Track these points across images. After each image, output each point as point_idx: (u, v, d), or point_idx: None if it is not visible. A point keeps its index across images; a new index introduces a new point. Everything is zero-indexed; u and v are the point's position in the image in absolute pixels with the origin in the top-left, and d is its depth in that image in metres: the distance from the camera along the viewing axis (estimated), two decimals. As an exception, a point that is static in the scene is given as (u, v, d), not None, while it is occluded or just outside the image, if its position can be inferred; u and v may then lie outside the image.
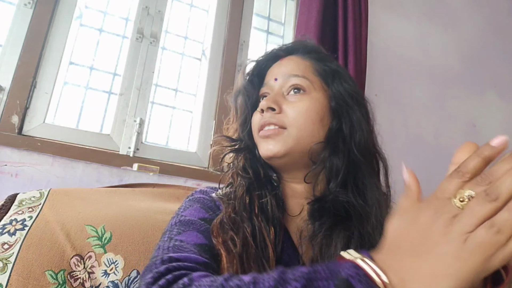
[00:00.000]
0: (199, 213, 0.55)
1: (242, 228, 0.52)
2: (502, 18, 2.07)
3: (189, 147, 1.33)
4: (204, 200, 0.59)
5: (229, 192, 0.59)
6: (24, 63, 1.08)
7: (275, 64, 0.65)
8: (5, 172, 0.98)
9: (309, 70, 0.62)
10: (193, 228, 0.51)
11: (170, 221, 0.56)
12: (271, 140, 0.57)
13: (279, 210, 0.57)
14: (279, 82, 0.61)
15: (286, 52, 0.66)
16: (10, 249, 0.62)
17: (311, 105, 0.58)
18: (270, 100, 0.58)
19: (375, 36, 1.61)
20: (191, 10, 1.46)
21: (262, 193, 0.58)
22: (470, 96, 1.85)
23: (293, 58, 0.64)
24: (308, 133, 0.57)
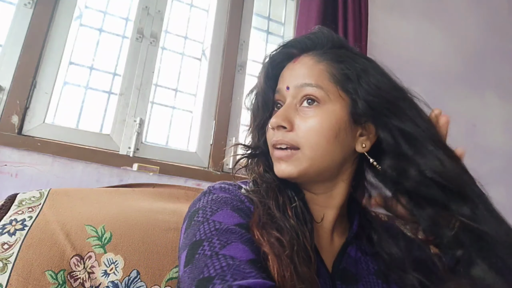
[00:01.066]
0: (233, 218, 0.48)
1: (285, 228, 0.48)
2: (502, 18, 2.07)
3: (189, 147, 1.33)
4: (232, 201, 0.52)
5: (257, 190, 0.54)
6: (24, 63, 1.08)
7: (288, 66, 0.59)
8: (5, 172, 0.98)
9: (324, 76, 0.54)
10: (235, 239, 0.44)
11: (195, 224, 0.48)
12: (283, 162, 0.53)
13: (311, 218, 0.54)
14: (291, 92, 0.55)
15: (301, 49, 0.58)
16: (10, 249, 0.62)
17: (324, 120, 0.52)
18: (280, 117, 0.53)
19: (375, 36, 1.61)
20: (191, 10, 1.46)
21: (291, 195, 0.54)
22: (470, 96, 1.85)
23: (306, 62, 0.56)
24: (323, 151, 0.52)
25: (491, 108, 1.90)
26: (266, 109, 0.59)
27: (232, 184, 0.56)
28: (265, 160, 0.58)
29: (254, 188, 0.55)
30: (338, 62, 0.55)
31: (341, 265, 0.55)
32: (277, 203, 0.52)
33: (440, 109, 0.50)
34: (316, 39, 0.58)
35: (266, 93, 0.59)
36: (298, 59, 0.57)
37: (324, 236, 0.57)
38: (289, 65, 0.58)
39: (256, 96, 0.60)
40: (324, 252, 0.56)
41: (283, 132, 0.53)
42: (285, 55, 0.59)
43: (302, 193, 0.56)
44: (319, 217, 0.57)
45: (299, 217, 0.51)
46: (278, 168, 0.54)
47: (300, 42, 0.59)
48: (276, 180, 0.55)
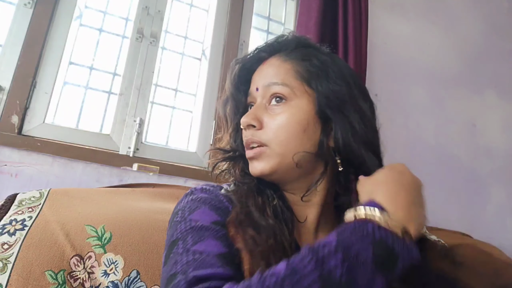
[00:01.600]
0: (210, 216, 0.50)
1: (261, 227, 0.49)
2: (502, 18, 2.07)
3: (189, 147, 1.33)
4: (210, 200, 0.53)
5: (237, 190, 0.55)
6: (24, 63, 1.08)
7: (258, 69, 0.61)
8: (5, 172, 0.98)
9: (290, 74, 0.56)
10: (209, 235, 0.46)
11: (174, 224, 0.50)
12: (255, 161, 0.55)
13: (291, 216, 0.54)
14: (260, 92, 0.57)
15: (269, 52, 0.61)
16: (10, 249, 0.62)
17: (291, 116, 0.54)
18: (249, 116, 0.55)
19: (375, 36, 1.61)
20: (191, 10, 1.46)
21: (269, 195, 0.55)
22: (470, 96, 1.85)
23: (274, 62, 0.59)
24: (292, 146, 0.53)
25: (491, 108, 1.89)
26: (238, 113, 0.61)
27: (214, 186, 0.57)
28: (243, 162, 0.59)
29: (234, 189, 0.56)
30: (303, 60, 0.57)
31: None
32: (256, 202, 0.53)
33: None
34: (283, 41, 0.61)
35: (237, 97, 0.61)
36: (267, 61, 0.60)
37: (308, 236, 0.57)
38: (259, 68, 0.60)
39: (229, 101, 0.62)
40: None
41: (253, 131, 0.55)
42: (255, 59, 0.61)
43: (281, 193, 0.57)
44: (302, 216, 0.57)
45: (278, 216, 0.52)
46: (252, 167, 0.56)
47: (269, 45, 0.61)
48: (254, 181, 0.56)
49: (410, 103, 1.68)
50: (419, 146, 1.64)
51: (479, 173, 1.76)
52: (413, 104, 1.69)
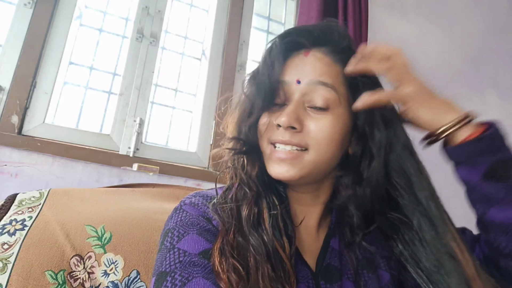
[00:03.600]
0: (198, 244, 0.47)
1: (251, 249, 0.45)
2: (502, 18, 2.07)
3: (189, 147, 1.33)
4: (199, 221, 0.49)
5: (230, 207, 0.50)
6: (24, 63, 1.08)
7: (297, 57, 0.53)
8: (5, 172, 0.98)
9: (340, 78, 0.51)
10: (197, 273, 0.43)
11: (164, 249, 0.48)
12: (285, 164, 0.49)
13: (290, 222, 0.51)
14: (301, 87, 0.50)
15: (312, 42, 0.53)
16: (10, 249, 0.62)
17: (335, 124, 0.49)
18: (292, 116, 0.48)
19: (375, 36, 1.61)
20: (191, 10, 1.46)
21: (271, 203, 0.50)
22: (470, 96, 1.85)
23: (321, 57, 0.51)
24: (328, 156, 0.50)
25: (491, 108, 1.89)
26: (269, 102, 0.52)
27: (204, 197, 0.53)
28: (258, 160, 0.53)
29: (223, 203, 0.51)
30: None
31: (325, 262, 0.53)
32: (251, 215, 0.48)
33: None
34: (330, 34, 0.54)
35: (275, 83, 0.51)
36: (310, 52, 0.52)
37: (307, 236, 0.55)
38: (298, 56, 0.53)
39: (262, 85, 0.52)
40: (308, 252, 0.54)
41: (292, 133, 0.49)
42: (293, 44, 0.53)
43: (286, 198, 0.53)
44: (301, 217, 0.55)
45: (277, 226, 0.49)
46: (277, 170, 0.50)
47: (314, 34, 0.53)
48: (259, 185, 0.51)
49: (410, 103, 1.68)
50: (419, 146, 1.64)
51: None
52: (413, 104, 1.68)
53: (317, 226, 0.56)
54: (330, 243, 0.55)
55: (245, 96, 0.55)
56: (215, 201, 0.51)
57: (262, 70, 0.53)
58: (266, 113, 0.53)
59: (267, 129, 0.52)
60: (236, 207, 0.49)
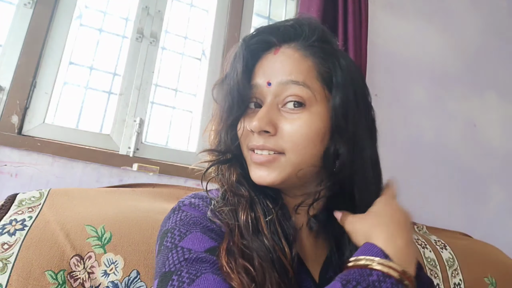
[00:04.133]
0: (203, 242, 0.44)
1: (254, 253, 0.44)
2: (502, 18, 2.07)
3: (189, 147, 1.33)
4: (201, 220, 0.47)
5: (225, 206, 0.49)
6: (24, 63, 1.08)
7: (266, 57, 0.50)
8: (5, 172, 0.98)
9: (312, 74, 0.48)
10: (206, 270, 0.41)
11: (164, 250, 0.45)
12: (264, 168, 0.48)
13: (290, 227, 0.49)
14: (273, 89, 0.48)
15: (281, 39, 0.50)
16: (10, 249, 0.62)
17: (311, 123, 0.47)
18: (263, 120, 0.46)
19: (375, 36, 1.61)
20: (191, 10, 1.46)
21: (266, 208, 0.49)
22: (470, 96, 1.85)
23: (291, 54, 0.49)
24: (308, 157, 0.47)
25: (491, 108, 1.90)
26: (241, 106, 0.50)
27: (203, 198, 0.51)
28: (239, 166, 0.52)
29: (223, 205, 0.49)
30: (326, 60, 0.49)
31: (328, 274, 0.52)
32: (248, 221, 0.46)
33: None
34: (300, 28, 0.50)
35: (244, 87, 0.49)
36: (280, 50, 0.49)
37: (308, 244, 0.54)
38: (267, 56, 0.50)
39: (230, 90, 0.49)
40: (310, 261, 0.52)
41: (266, 137, 0.47)
42: (262, 43, 0.51)
43: (280, 201, 0.51)
44: (300, 222, 0.53)
45: (276, 231, 0.47)
46: (257, 174, 0.48)
47: (282, 30, 0.50)
48: (249, 192, 0.49)
49: (410, 103, 1.68)
50: (419, 146, 1.64)
51: (479, 173, 1.76)
52: (413, 103, 1.69)
53: (316, 235, 0.55)
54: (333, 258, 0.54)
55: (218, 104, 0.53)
56: (214, 204, 0.50)
57: (230, 75, 0.50)
58: (243, 118, 0.51)
59: (243, 135, 0.50)
60: (233, 212, 0.48)
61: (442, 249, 1.13)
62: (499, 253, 1.25)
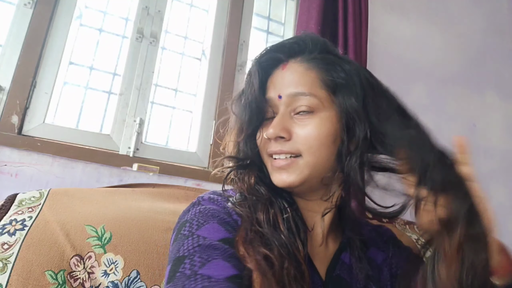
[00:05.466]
0: (218, 232, 0.48)
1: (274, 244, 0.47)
2: (502, 18, 2.07)
3: (189, 147, 1.33)
4: (219, 213, 0.51)
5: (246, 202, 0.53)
6: (24, 63, 1.08)
7: (276, 73, 0.57)
8: (5, 172, 0.98)
9: (316, 83, 0.53)
10: (217, 255, 0.44)
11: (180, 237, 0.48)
12: (284, 172, 0.52)
13: (303, 226, 0.53)
14: (284, 101, 0.54)
15: (288, 55, 0.57)
16: (10, 249, 0.62)
17: (322, 126, 0.51)
18: (278, 127, 0.52)
19: (375, 36, 1.61)
20: (191, 10, 1.46)
21: (282, 207, 0.53)
22: (470, 96, 1.85)
23: (296, 68, 0.55)
24: (323, 158, 0.52)
25: (491, 108, 1.89)
26: (259, 118, 0.56)
27: (221, 195, 0.55)
28: (256, 171, 0.56)
29: (241, 201, 0.53)
30: (328, 70, 0.54)
31: (335, 273, 0.55)
32: (268, 217, 0.50)
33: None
34: (303, 43, 0.57)
35: (260, 101, 0.55)
36: (287, 66, 0.56)
37: (317, 243, 0.57)
38: (277, 71, 0.56)
39: (248, 104, 0.56)
40: (318, 259, 0.56)
41: (282, 142, 0.52)
42: (271, 60, 0.57)
43: (295, 202, 0.55)
44: (311, 224, 0.56)
45: (291, 229, 0.51)
46: (278, 178, 0.53)
47: (287, 46, 0.57)
48: (267, 192, 0.54)
49: (410, 103, 1.67)
50: (419, 146, 1.64)
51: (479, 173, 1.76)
52: (413, 104, 1.67)
53: (326, 235, 0.58)
54: (341, 257, 0.57)
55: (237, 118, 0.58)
56: (233, 200, 0.54)
57: (247, 91, 0.56)
58: (261, 129, 0.56)
59: (262, 143, 0.56)
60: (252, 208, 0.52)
61: (442, 249, 1.12)
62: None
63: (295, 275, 0.45)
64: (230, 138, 0.61)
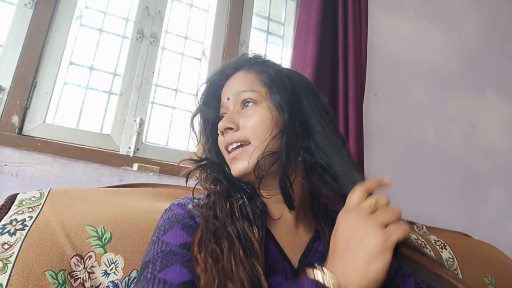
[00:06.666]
0: (180, 237, 0.53)
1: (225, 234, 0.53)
2: (502, 18, 2.07)
3: (189, 147, 1.33)
4: (183, 218, 0.57)
5: (207, 202, 0.59)
6: (24, 63, 1.08)
7: (226, 83, 0.68)
8: (5, 172, 0.98)
9: (255, 82, 0.63)
10: (175, 261, 0.49)
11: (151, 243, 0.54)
12: (238, 161, 0.60)
13: (261, 213, 0.59)
14: (231, 101, 0.64)
15: (233, 69, 0.68)
16: (10, 249, 0.63)
17: (264, 114, 0.60)
18: (226, 120, 0.61)
19: (375, 36, 1.61)
20: (191, 10, 1.46)
21: (239, 197, 0.60)
22: (470, 96, 1.85)
23: (239, 75, 0.66)
24: (267, 141, 0.58)
25: (491, 108, 1.90)
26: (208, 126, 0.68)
27: (191, 199, 0.62)
28: (217, 168, 0.65)
29: (204, 201, 0.60)
30: (263, 71, 0.65)
31: (307, 260, 0.59)
32: (225, 208, 0.57)
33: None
34: (245, 58, 0.69)
35: (206, 111, 0.68)
36: (233, 76, 0.67)
37: (288, 232, 0.62)
38: (227, 83, 0.67)
39: (200, 116, 0.69)
40: (289, 248, 0.59)
41: (231, 133, 0.61)
42: (222, 76, 0.69)
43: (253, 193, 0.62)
44: (278, 214, 0.62)
45: (246, 215, 0.57)
46: (235, 168, 0.60)
47: (233, 63, 0.69)
48: (227, 186, 0.61)
49: (410, 103, 1.68)
50: (419, 146, 1.64)
51: (479, 173, 1.76)
52: (413, 104, 1.69)
53: (295, 225, 0.63)
54: (315, 246, 0.62)
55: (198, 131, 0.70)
56: (195, 201, 0.61)
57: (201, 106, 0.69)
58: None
59: (221, 142, 0.64)
60: (212, 202, 0.59)
61: (442, 249, 1.13)
62: (499, 253, 1.25)
63: (243, 255, 0.50)
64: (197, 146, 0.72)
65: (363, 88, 1.37)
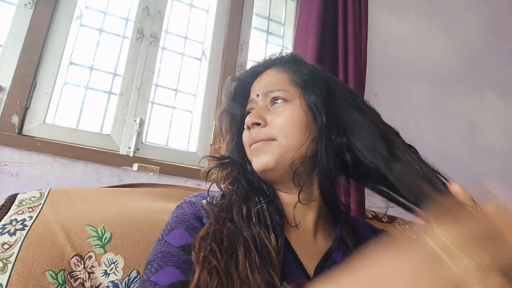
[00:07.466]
0: (182, 239, 0.52)
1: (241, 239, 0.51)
2: (502, 18, 2.07)
3: (189, 147, 1.33)
4: (189, 219, 0.55)
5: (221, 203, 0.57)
6: (24, 63, 1.08)
7: (256, 80, 0.67)
8: (5, 172, 0.98)
9: (287, 81, 0.62)
10: (171, 263, 0.48)
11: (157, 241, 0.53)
12: (261, 154, 0.58)
13: (279, 219, 0.56)
14: (260, 98, 0.62)
15: (264, 67, 0.67)
16: (10, 249, 0.62)
17: (294, 112, 0.58)
18: (254, 115, 0.59)
19: (375, 36, 1.61)
20: (191, 10, 1.46)
21: (258, 201, 0.57)
22: (470, 96, 1.85)
23: (270, 73, 0.65)
24: (296, 140, 0.56)
25: (491, 108, 1.90)
26: (234, 123, 0.66)
27: (204, 196, 0.60)
28: (238, 168, 0.63)
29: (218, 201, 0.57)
30: (296, 71, 0.63)
31: (323, 270, 0.56)
32: (241, 212, 0.54)
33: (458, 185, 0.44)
34: (278, 56, 0.68)
35: (233, 108, 0.66)
36: (264, 73, 0.66)
37: (306, 240, 0.59)
38: (256, 80, 0.66)
39: (225, 113, 0.67)
40: (306, 256, 0.56)
41: (258, 129, 0.58)
42: (252, 73, 0.68)
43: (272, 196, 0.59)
44: (297, 219, 0.59)
45: (264, 221, 0.54)
46: (257, 161, 0.58)
47: (265, 61, 0.68)
48: (246, 187, 0.59)
49: (410, 103, 1.68)
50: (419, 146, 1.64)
51: (479, 173, 1.76)
52: (413, 104, 1.69)
53: (314, 232, 0.60)
54: (332, 256, 0.58)
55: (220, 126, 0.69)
56: (208, 199, 0.58)
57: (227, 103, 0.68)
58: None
59: (246, 139, 0.62)
60: (228, 204, 0.56)
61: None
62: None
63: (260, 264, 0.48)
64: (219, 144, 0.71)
65: (363, 88, 1.37)
